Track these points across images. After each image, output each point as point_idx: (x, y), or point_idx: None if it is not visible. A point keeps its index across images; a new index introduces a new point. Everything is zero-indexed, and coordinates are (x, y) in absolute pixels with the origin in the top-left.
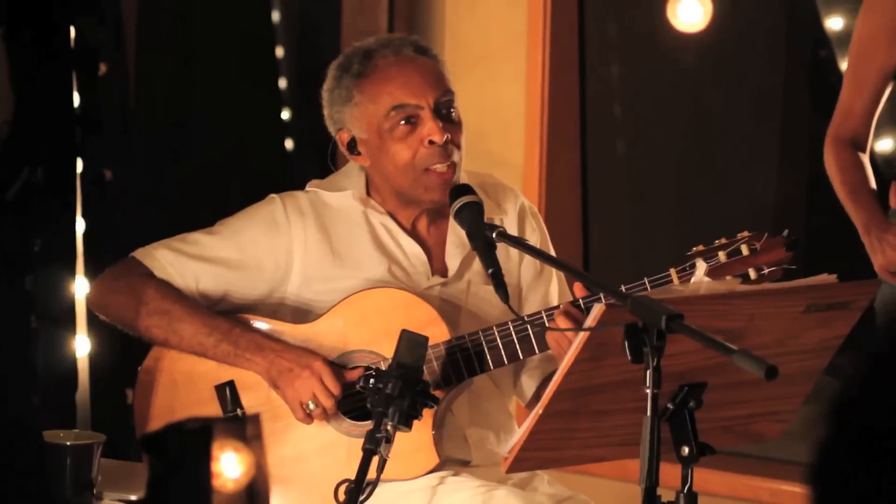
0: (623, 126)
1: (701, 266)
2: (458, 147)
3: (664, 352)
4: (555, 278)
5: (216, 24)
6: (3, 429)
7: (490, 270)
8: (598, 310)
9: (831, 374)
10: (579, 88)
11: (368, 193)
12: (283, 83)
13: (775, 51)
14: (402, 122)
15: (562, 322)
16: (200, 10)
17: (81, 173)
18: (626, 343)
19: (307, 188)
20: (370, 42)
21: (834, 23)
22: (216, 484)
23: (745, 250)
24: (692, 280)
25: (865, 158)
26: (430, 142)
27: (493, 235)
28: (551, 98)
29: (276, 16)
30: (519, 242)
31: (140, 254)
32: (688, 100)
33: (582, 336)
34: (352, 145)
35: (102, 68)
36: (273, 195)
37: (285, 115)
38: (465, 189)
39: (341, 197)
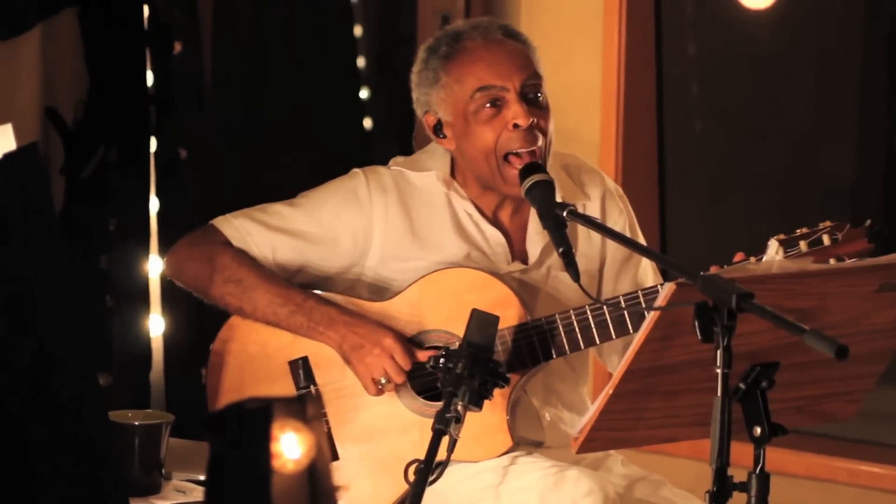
0: (700, 103)
1: (773, 245)
2: (545, 132)
3: (735, 331)
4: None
5: (293, 1)
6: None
7: (560, 249)
8: (668, 289)
9: None
10: (656, 65)
11: (453, 175)
12: (361, 62)
13: (853, 26)
14: (488, 104)
15: None
16: None
17: (156, 152)
18: (697, 322)
19: (391, 165)
20: (460, 25)
21: None
22: (279, 463)
23: (826, 240)
24: (764, 259)
25: None
26: (515, 125)
27: (564, 214)
28: (627, 75)
29: None
30: (590, 221)
31: (219, 222)
32: (765, 76)
33: (652, 315)
34: (438, 128)
35: (177, 47)
36: (356, 170)
37: (364, 94)
38: (536, 167)
39: (425, 177)
